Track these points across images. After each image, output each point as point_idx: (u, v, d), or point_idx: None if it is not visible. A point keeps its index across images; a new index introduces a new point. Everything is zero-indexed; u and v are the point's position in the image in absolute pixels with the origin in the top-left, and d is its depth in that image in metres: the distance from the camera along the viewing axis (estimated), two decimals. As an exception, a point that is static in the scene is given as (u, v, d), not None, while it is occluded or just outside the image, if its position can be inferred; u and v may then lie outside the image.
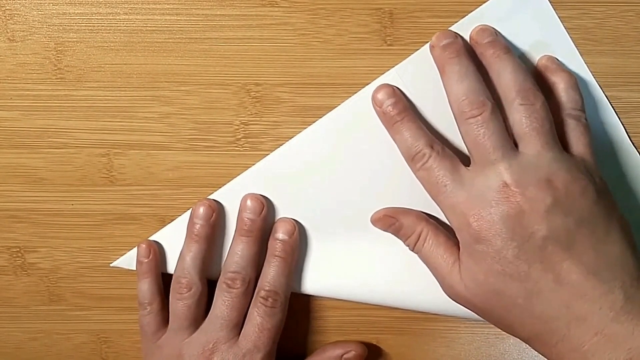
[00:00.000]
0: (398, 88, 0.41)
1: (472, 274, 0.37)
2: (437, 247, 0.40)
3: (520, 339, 0.38)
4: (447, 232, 0.40)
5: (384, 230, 0.42)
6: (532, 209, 0.36)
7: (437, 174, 0.38)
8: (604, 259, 0.36)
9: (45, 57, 0.42)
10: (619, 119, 0.42)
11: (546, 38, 0.41)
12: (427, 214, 0.42)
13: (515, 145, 0.38)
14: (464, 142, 0.39)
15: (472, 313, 0.39)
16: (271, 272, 0.42)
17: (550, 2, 0.41)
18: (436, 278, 0.40)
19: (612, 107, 0.42)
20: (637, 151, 0.43)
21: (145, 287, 0.43)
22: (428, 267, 0.40)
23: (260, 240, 0.43)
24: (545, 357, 0.37)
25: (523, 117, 0.37)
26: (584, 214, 0.36)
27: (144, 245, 0.44)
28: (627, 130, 0.43)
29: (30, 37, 0.42)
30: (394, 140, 0.41)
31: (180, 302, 0.42)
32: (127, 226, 0.45)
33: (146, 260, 0.43)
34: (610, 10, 0.41)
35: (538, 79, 0.40)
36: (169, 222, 0.44)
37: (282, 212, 0.43)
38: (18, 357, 0.47)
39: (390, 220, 0.42)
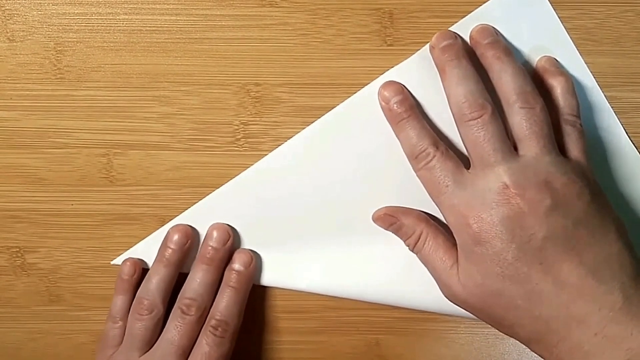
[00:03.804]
0: (405, 86, 0.41)
1: (470, 276, 0.37)
2: (436, 249, 0.40)
3: (519, 341, 0.38)
4: (446, 233, 0.40)
5: (384, 229, 0.42)
6: (531, 210, 0.36)
7: (439, 175, 0.38)
8: (602, 259, 0.36)
9: (45, 57, 0.42)
10: (619, 119, 0.42)
11: (546, 38, 0.41)
12: (428, 214, 0.42)
13: (514, 147, 0.38)
14: (464, 144, 0.39)
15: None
16: (224, 301, 0.43)
17: (550, 2, 0.41)
18: (435, 279, 0.40)
19: (612, 107, 0.42)
20: (638, 151, 0.43)
21: (120, 303, 0.44)
22: (427, 268, 0.40)
23: (221, 270, 0.43)
24: (544, 358, 0.37)
25: (523, 120, 0.38)
26: (581, 215, 0.36)
27: (128, 263, 0.44)
28: (627, 131, 0.43)
29: (30, 37, 0.42)
30: (398, 138, 0.41)
31: (139, 323, 0.42)
32: (127, 226, 0.45)
33: (127, 278, 0.44)
34: (610, 11, 0.41)
35: (536, 80, 0.40)
36: (169, 222, 0.44)
37: (282, 211, 0.43)
38: (18, 357, 0.47)
39: (391, 219, 0.42)
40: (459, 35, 0.40)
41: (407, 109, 0.40)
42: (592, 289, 0.35)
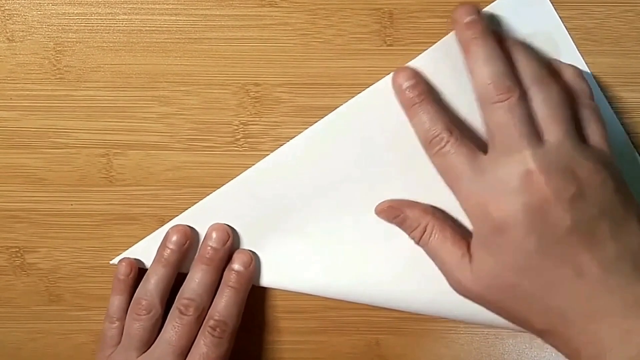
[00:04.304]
0: (418, 72, 0.40)
1: (486, 267, 0.36)
2: (443, 241, 0.39)
3: (533, 333, 0.37)
4: (454, 225, 0.40)
5: (388, 222, 0.42)
6: (556, 198, 0.35)
7: (455, 160, 0.37)
8: (624, 251, 0.35)
9: (44, 57, 0.42)
10: (619, 119, 0.42)
11: (547, 39, 0.41)
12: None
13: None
14: (486, 127, 0.38)
15: (472, 316, 0.39)
16: (223, 302, 0.42)
17: (551, 3, 0.41)
18: (442, 272, 0.39)
19: (612, 107, 0.42)
20: (637, 151, 0.43)
21: (117, 303, 0.44)
22: (434, 262, 0.39)
23: (220, 270, 0.43)
24: (558, 350, 0.36)
25: (542, 104, 0.37)
26: (605, 205, 0.35)
27: (124, 263, 0.44)
28: (627, 131, 0.43)
29: (29, 37, 0.42)
30: (411, 124, 0.39)
31: (137, 323, 0.42)
32: (127, 226, 0.45)
33: (123, 278, 0.44)
34: (610, 11, 0.41)
35: None
36: (169, 222, 0.44)
37: (282, 212, 0.43)
38: (18, 357, 0.47)
39: (395, 212, 0.41)
40: (480, 10, 0.39)
41: (420, 93, 0.39)
42: (612, 281, 0.34)
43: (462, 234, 0.39)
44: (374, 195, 0.42)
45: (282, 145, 0.43)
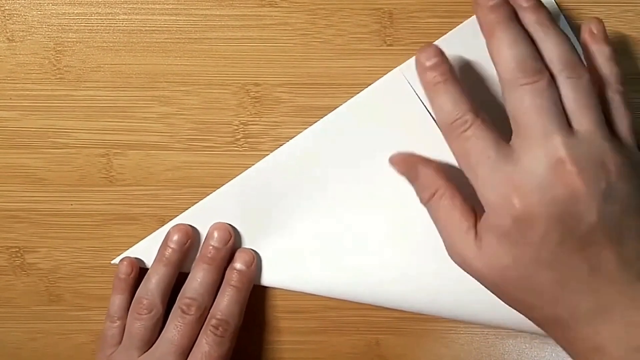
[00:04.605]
0: (442, 50, 0.37)
1: (498, 257, 0.35)
2: (452, 209, 0.36)
3: (531, 320, 0.36)
4: (464, 195, 0.37)
5: (400, 174, 0.39)
6: (586, 193, 0.33)
7: (480, 144, 0.35)
8: None
9: (44, 57, 0.42)
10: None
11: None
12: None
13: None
14: (512, 112, 0.35)
15: (472, 316, 0.39)
16: (225, 301, 0.42)
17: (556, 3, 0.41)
18: (442, 238, 0.37)
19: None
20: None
21: (118, 302, 0.44)
22: (436, 226, 0.37)
23: (222, 269, 0.43)
24: (558, 341, 0.35)
25: (572, 91, 0.34)
26: (632, 201, 0.34)
27: (125, 262, 0.44)
28: (628, 131, 0.42)
29: (29, 37, 0.42)
30: (432, 105, 0.37)
31: (138, 323, 0.42)
32: (127, 226, 0.45)
33: (124, 277, 0.44)
34: (610, 11, 0.41)
35: None
36: (169, 222, 0.44)
37: (283, 211, 0.43)
38: (18, 357, 0.47)
39: (408, 167, 0.39)
40: None
41: (445, 72, 0.36)
42: (625, 278, 0.33)
43: (471, 206, 0.37)
44: (374, 195, 0.42)
45: (282, 145, 0.43)
